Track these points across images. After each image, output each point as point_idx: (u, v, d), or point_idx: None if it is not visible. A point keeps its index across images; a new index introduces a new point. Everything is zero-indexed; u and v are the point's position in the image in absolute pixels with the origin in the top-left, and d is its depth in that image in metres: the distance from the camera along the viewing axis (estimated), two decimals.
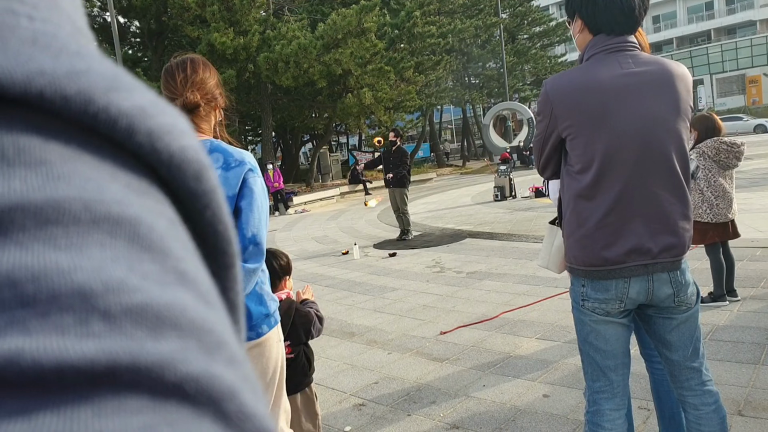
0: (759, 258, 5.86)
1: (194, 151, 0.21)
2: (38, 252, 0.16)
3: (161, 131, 0.20)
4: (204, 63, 2.05)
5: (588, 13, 1.90)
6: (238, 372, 0.18)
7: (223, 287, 0.23)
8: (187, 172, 0.21)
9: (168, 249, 0.19)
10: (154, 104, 0.21)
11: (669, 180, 1.86)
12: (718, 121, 4.67)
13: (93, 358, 0.15)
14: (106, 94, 0.19)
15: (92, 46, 0.22)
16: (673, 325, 1.95)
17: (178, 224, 0.21)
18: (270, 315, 2.04)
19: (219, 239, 0.23)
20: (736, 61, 46.51)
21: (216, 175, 0.23)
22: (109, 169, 0.19)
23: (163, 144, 0.20)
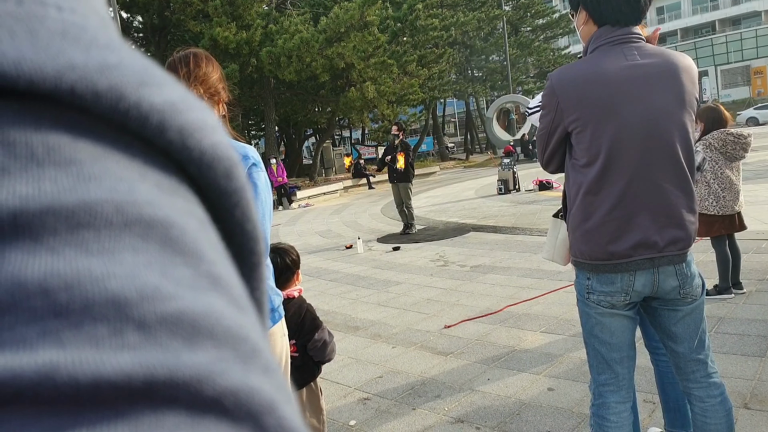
0: (765, 250, 5.83)
1: (225, 147, 0.21)
2: (71, 258, 0.16)
3: (193, 127, 0.20)
4: (207, 57, 2.04)
5: (593, 4, 1.89)
6: (274, 382, 0.18)
7: (251, 287, 0.23)
8: (218, 169, 0.20)
9: (200, 252, 0.19)
10: (185, 99, 0.20)
11: (674, 173, 1.85)
12: (724, 113, 4.64)
13: (130, 372, 0.15)
14: (137, 89, 0.18)
15: (120, 38, 0.21)
16: (679, 317, 1.95)
17: (208, 224, 0.21)
18: (274, 309, 2.04)
19: (247, 238, 0.23)
20: (741, 52, 46.20)
21: (245, 173, 0.22)
22: (139, 167, 0.19)
23: (195, 141, 0.20)
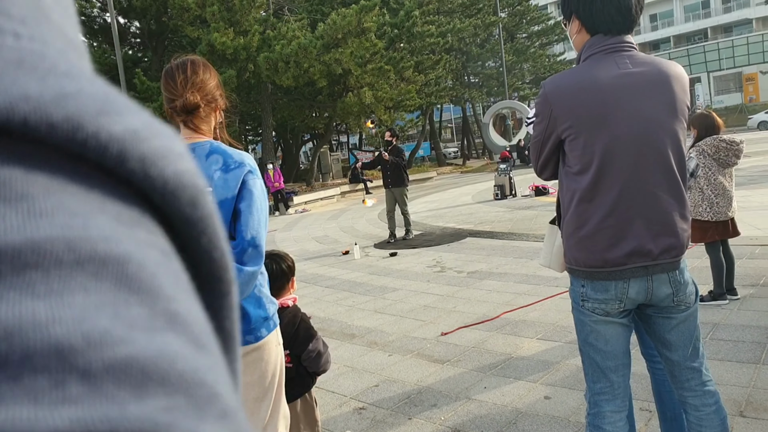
0: (758, 256, 5.85)
1: (190, 175, 0.20)
2: (13, 302, 0.15)
3: (155, 156, 0.19)
4: (204, 64, 2.05)
5: (585, 13, 1.90)
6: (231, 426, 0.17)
7: (219, 316, 0.22)
8: (183, 198, 0.20)
9: (158, 288, 0.18)
10: (148, 126, 0.20)
11: (667, 180, 1.86)
12: (717, 119, 4.67)
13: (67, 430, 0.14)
14: (96, 118, 0.18)
15: (84, 63, 0.21)
16: (673, 325, 1.95)
17: (172, 255, 0.20)
18: (269, 318, 2.03)
19: (215, 267, 0.22)
20: (733, 59, 46.52)
21: (212, 200, 0.22)
22: (97, 199, 0.18)
23: (157, 170, 0.19)
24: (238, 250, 1.89)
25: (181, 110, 1.95)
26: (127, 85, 16.25)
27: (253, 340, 1.98)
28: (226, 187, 1.90)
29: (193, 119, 1.97)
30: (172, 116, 2.01)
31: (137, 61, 23.01)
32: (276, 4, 22.23)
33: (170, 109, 1.98)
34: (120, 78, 15.49)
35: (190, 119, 1.97)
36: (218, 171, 1.91)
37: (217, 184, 1.90)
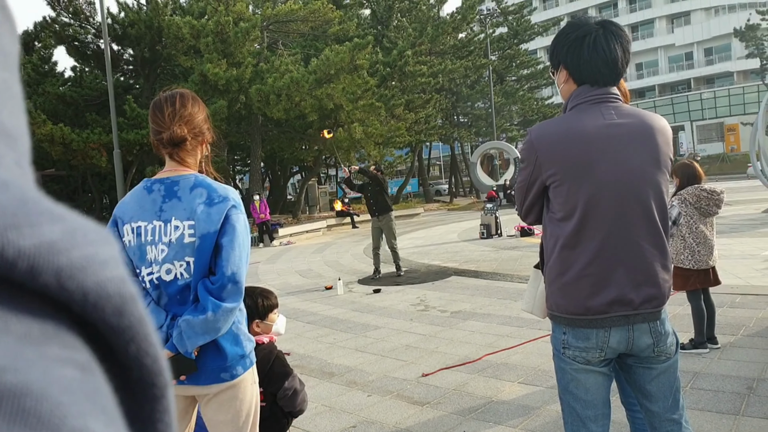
0: (738, 305, 5.89)
1: (115, 284, 0.20)
2: None
3: (73, 268, 0.18)
4: (193, 97, 2.05)
5: (573, 64, 1.94)
6: None
7: (151, 419, 0.22)
8: (106, 308, 0.19)
9: (60, 420, 0.17)
10: (69, 236, 0.19)
11: (649, 231, 1.87)
12: (698, 169, 4.76)
13: None
14: (3, 233, 0.17)
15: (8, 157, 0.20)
16: (653, 375, 1.94)
17: (91, 368, 0.19)
18: (245, 356, 1.99)
19: (146, 372, 0.21)
20: (715, 110, 47.89)
21: (141, 306, 0.21)
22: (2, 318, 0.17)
23: (75, 282, 0.18)
24: (218, 286, 1.87)
25: (167, 143, 1.95)
26: (117, 111, 16.25)
27: (228, 378, 1.93)
28: (209, 221, 1.89)
29: (179, 152, 1.97)
30: (158, 148, 2.00)
31: (128, 87, 23.10)
32: (270, 37, 22.55)
33: (156, 140, 1.98)
34: (110, 104, 15.50)
35: (176, 152, 1.97)
36: (202, 204, 1.90)
37: (201, 217, 1.89)
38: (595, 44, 1.89)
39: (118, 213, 1.99)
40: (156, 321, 1.90)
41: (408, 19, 29.33)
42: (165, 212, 1.92)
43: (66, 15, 21.27)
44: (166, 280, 1.90)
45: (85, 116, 20.17)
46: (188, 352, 1.86)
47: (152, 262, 1.91)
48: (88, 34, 22.00)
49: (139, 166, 20.89)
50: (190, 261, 1.89)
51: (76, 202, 26.84)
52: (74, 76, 23.45)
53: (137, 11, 21.61)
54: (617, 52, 1.90)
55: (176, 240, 1.89)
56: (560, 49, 1.97)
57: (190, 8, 21.78)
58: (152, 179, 2.00)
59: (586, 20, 1.97)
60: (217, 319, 1.85)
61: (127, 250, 1.95)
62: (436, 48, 28.40)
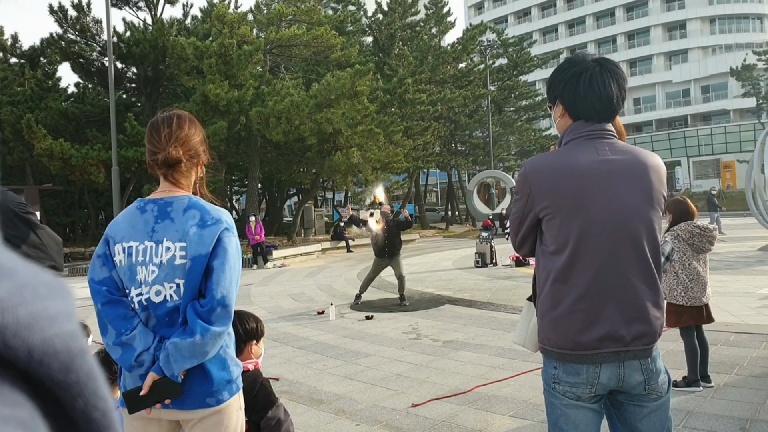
0: (733, 343, 5.86)
1: (63, 339, 0.20)
2: None
3: (19, 325, 0.18)
4: (190, 119, 2.06)
5: (569, 100, 1.96)
6: None
7: None
8: (52, 364, 0.19)
9: None
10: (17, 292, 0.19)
11: (641, 267, 1.87)
12: (691, 206, 4.79)
13: None
14: None
15: None
16: (644, 413, 1.92)
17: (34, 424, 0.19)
18: (232, 381, 1.96)
19: (94, 427, 0.21)
20: (711, 146, 48.39)
21: (91, 360, 0.21)
22: None
23: (20, 340, 0.18)
24: (207, 309, 1.85)
25: (162, 164, 1.94)
26: (118, 128, 16.32)
27: (213, 403, 1.90)
28: (201, 243, 1.87)
29: (174, 173, 1.97)
30: (153, 168, 2.00)
31: (130, 105, 23.25)
32: (273, 61, 22.79)
33: (152, 161, 1.97)
34: (111, 120, 15.57)
35: (171, 173, 1.97)
36: (194, 226, 1.89)
37: (193, 239, 1.87)
38: (591, 81, 1.91)
39: (110, 232, 1.98)
40: (143, 343, 1.87)
41: (409, 48, 29.73)
42: (157, 233, 1.90)
43: (73, 32, 21.51)
44: (155, 301, 1.88)
45: (85, 132, 20.25)
46: (174, 376, 1.83)
47: (142, 283, 1.89)
48: (94, 51, 22.23)
49: (136, 183, 20.89)
50: (180, 283, 1.88)
51: (72, 217, 26.76)
52: (77, 93, 23.64)
53: (143, 31, 21.88)
54: (613, 89, 1.92)
55: (167, 261, 1.88)
56: (557, 84, 1.99)
57: (195, 29, 22.09)
58: (146, 199, 1.99)
59: (583, 57, 1.99)
60: (205, 343, 1.82)
61: (118, 269, 1.93)
62: (436, 77, 28.76)
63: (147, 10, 22.65)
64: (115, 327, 1.88)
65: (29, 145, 18.59)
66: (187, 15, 25.04)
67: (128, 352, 1.87)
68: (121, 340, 1.87)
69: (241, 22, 20.63)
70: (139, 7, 22.78)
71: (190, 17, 25.09)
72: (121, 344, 1.87)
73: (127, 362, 1.87)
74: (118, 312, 1.90)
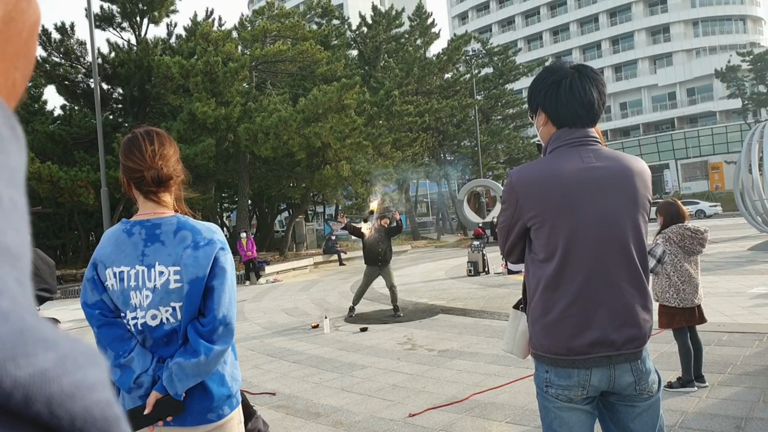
0: (726, 343, 5.91)
1: (101, 407, 0.21)
2: None
3: (63, 395, 0.19)
4: (168, 137, 2.02)
5: (551, 107, 1.99)
6: None
7: None
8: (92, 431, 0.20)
9: None
10: (62, 363, 0.20)
11: (629, 272, 1.90)
12: (681, 208, 4.84)
13: None
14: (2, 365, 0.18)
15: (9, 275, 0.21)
16: (636, 413, 1.94)
17: None
18: (232, 396, 1.97)
19: None
20: (699, 148, 48.86)
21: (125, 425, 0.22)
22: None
23: (65, 409, 0.19)
24: (209, 329, 1.85)
25: (152, 182, 1.91)
26: (106, 149, 16.28)
27: (215, 419, 1.91)
28: (197, 265, 1.86)
29: (160, 191, 1.93)
30: (131, 188, 1.94)
31: (117, 125, 23.18)
32: (259, 77, 22.86)
33: (134, 179, 1.91)
34: (99, 141, 15.54)
35: (158, 191, 1.93)
36: (188, 249, 1.87)
37: (187, 262, 1.86)
38: (571, 87, 1.94)
39: (98, 256, 1.94)
40: (142, 365, 1.87)
41: (395, 60, 29.92)
42: (148, 257, 1.88)
43: (57, 55, 21.48)
44: (151, 325, 1.87)
45: (73, 154, 20.17)
46: (178, 394, 1.84)
47: (137, 308, 1.88)
48: (79, 73, 22.18)
49: (126, 204, 20.80)
50: (177, 306, 1.87)
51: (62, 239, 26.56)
52: (63, 115, 23.56)
53: (128, 51, 21.88)
54: (593, 94, 1.95)
55: (161, 286, 1.86)
56: (538, 93, 2.02)
57: (180, 48, 22.11)
58: (131, 221, 1.95)
59: (562, 65, 2.03)
60: (209, 362, 1.84)
61: (111, 294, 1.91)
62: (422, 88, 28.93)
63: (131, 30, 22.68)
64: (113, 349, 1.88)
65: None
66: (171, 34, 25.05)
67: (127, 374, 1.87)
68: (120, 362, 1.87)
69: (226, 40, 20.71)
70: (123, 28, 22.81)
71: (174, 36, 25.10)
72: (120, 366, 1.87)
73: (126, 384, 1.87)
74: (114, 334, 1.90)
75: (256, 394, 5.35)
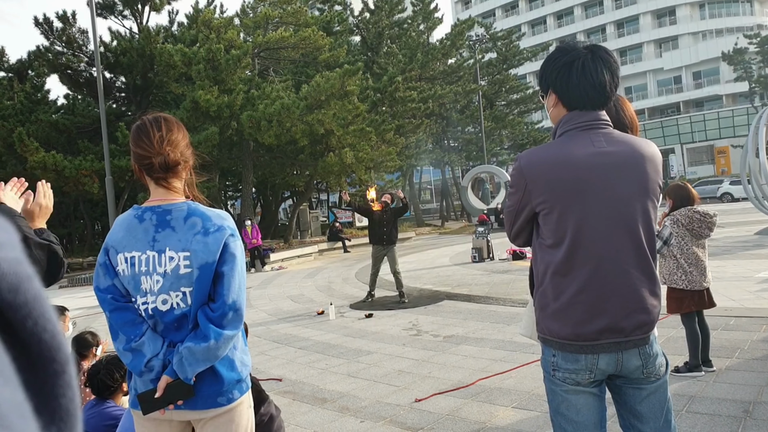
0: (733, 327, 5.89)
1: (9, 263, 0.21)
2: None
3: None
4: (177, 123, 2.03)
5: (562, 88, 1.95)
6: None
7: (53, 394, 0.23)
8: (1, 285, 0.21)
9: None
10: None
11: (638, 258, 1.88)
12: (692, 191, 4.80)
13: None
14: None
15: None
16: (643, 396, 1.94)
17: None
18: (242, 380, 1.99)
19: (44, 347, 0.23)
20: (705, 132, 48.48)
21: (38, 285, 0.23)
22: None
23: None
24: (219, 314, 1.86)
25: (160, 168, 1.91)
26: (109, 138, 16.26)
27: (225, 402, 1.92)
28: (207, 251, 1.87)
29: (169, 177, 1.95)
30: (143, 174, 1.97)
31: (120, 114, 23.14)
32: (261, 64, 22.73)
33: (144, 166, 1.93)
34: (102, 130, 15.52)
35: (167, 177, 1.94)
36: (198, 235, 1.89)
37: (197, 248, 1.87)
38: (583, 68, 1.90)
39: (110, 242, 1.97)
40: (152, 349, 1.89)
41: (398, 46, 29.73)
42: (158, 242, 1.90)
43: (59, 44, 21.39)
44: (162, 310, 1.90)
45: (77, 143, 20.16)
46: (188, 379, 1.86)
47: (147, 292, 1.90)
48: (81, 62, 22.11)
49: (130, 192, 20.83)
50: (187, 291, 1.88)
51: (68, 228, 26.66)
52: (67, 104, 23.51)
53: (129, 39, 21.77)
54: (605, 76, 1.91)
55: (171, 271, 1.88)
56: (549, 73, 1.98)
57: (182, 36, 21.98)
58: (143, 207, 1.97)
59: (575, 45, 1.98)
60: (218, 347, 1.86)
61: (122, 279, 1.93)
62: (425, 74, 28.73)
63: (132, 18, 22.53)
64: (125, 333, 1.91)
65: (22, 158, 18.49)
66: (173, 22, 24.90)
67: (138, 357, 1.89)
68: (131, 346, 1.90)
69: (228, 27, 20.57)
70: (125, 16, 22.65)
71: (176, 24, 24.93)
72: (131, 350, 1.90)
73: (137, 368, 1.90)
74: (126, 318, 1.92)
75: (262, 380, 5.37)
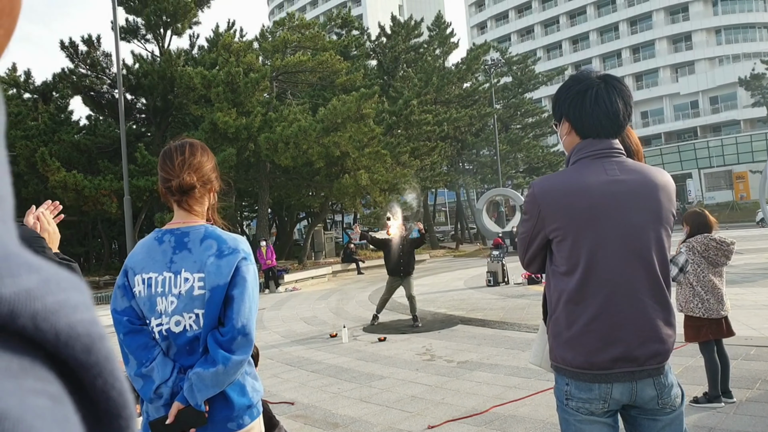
0: (753, 357, 5.76)
1: (84, 325, 0.22)
2: None
3: (47, 312, 0.21)
4: (202, 147, 2.08)
5: (575, 117, 1.97)
6: None
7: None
8: (76, 347, 0.22)
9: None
10: (45, 284, 0.21)
11: (652, 287, 1.87)
12: (709, 218, 4.73)
13: None
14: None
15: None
16: (659, 427, 1.91)
17: (62, 399, 0.22)
18: (252, 406, 1.98)
19: (112, 405, 0.24)
20: (723, 157, 48.02)
21: (108, 345, 0.24)
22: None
23: (49, 324, 0.21)
24: (228, 338, 1.87)
25: (176, 190, 1.96)
26: (129, 158, 16.52)
27: (235, 428, 1.92)
28: (219, 273, 1.89)
29: (188, 200, 1.99)
30: (166, 196, 2.02)
31: (140, 135, 23.53)
32: (279, 87, 23.06)
33: (165, 188, 1.99)
34: (122, 151, 15.78)
35: (185, 200, 1.98)
36: (212, 257, 1.91)
37: (210, 270, 1.89)
38: (596, 97, 1.92)
39: (129, 263, 2.01)
40: (161, 375, 1.89)
41: (414, 70, 30.00)
42: (175, 264, 1.93)
43: (84, 67, 21.90)
44: (175, 331, 1.91)
45: (97, 163, 20.50)
46: (198, 405, 1.85)
47: (162, 314, 1.92)
48: (104, 84, 22.58)
49: (148, 212, 21.07)
50: (200, 313, 1.90)
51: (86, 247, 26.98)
52: (89, 125, 23.97)
53: (151, 62, 22.24)
54: (618, 105, 1.93)
55: (186, 292, 1.90)
56: (563, 102, 2.00)
57: (202, 59, 22.42)
58: (163, 230, 2.01)
59: (588, 74, 2.00)
60: (227, 372, 1.85)
61: (138, 300, 1.95)
62: (441, 97, 28.93)
63: (155, 42, 23.03)
64: (137, 357, 1.92)
65: (43, 177, 18.83)
66: (193, 45, 25.42)
67: (148, 384, 1.90)
68: (142, 371, 1.90)
69: (247, 51, 20.95)
70: (147, 40, 23.18)
71: (196, 47, 25.46)
72: (142, 376, 1.91)
73: (147, 394, 1.91)
74: (139, 341, 1.93)
75: (274, 403, 5.35)
